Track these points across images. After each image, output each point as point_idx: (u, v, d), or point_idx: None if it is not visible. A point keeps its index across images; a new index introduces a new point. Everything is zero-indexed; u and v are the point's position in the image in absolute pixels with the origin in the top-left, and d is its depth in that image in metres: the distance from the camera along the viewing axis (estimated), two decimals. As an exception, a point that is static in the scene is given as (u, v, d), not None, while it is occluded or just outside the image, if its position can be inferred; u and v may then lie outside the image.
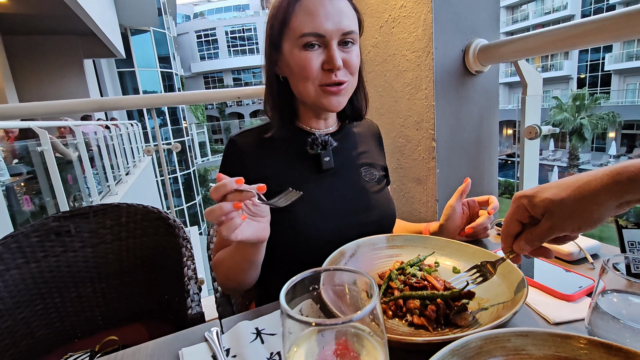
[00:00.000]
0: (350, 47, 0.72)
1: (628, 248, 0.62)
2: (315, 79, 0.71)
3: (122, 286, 1.15)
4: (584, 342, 0.39)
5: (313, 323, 0.22)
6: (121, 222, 1.16)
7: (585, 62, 23.43)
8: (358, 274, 0.31)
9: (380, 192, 0.86)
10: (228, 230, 0.54)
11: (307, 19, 0.67)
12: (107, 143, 5.16)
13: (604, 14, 0.87)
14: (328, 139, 0.78)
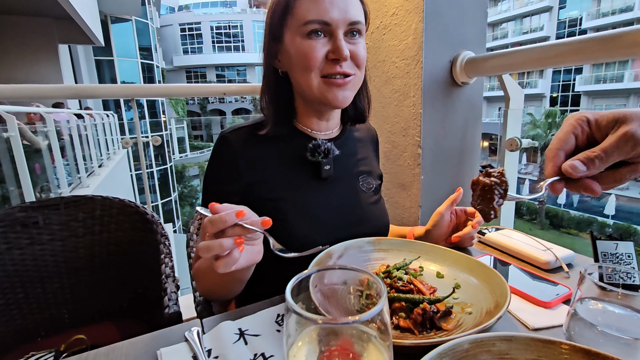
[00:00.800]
0: (357, 38, 0.68)
1: (601, 258, 0.65)
2: (318, 68, 0.66)
3: (93, 282, 1.09)
4: (565, 348, 0.40)
5: (319, 320, 0.22)
6: (95, 215, 1.11)
7: (558, 82, 24.68)
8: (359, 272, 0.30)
9: (376, 204, 0.84)
10: (226, 266, 0.49)
11: (311, 6, 0.63)
12: (80, 133, 4.93)
13: (584, 36, 0.92)
14: (331, 147, 0.74)
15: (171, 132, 17.06)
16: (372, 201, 0.82)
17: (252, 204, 0.69)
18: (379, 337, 0.26)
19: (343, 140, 0.82)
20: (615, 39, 0.82)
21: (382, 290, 0.27)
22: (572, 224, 15.91)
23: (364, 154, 0.87)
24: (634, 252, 0.65)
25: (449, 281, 0.65)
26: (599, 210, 16.51)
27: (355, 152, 0.85)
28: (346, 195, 0.79)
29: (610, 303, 0.47)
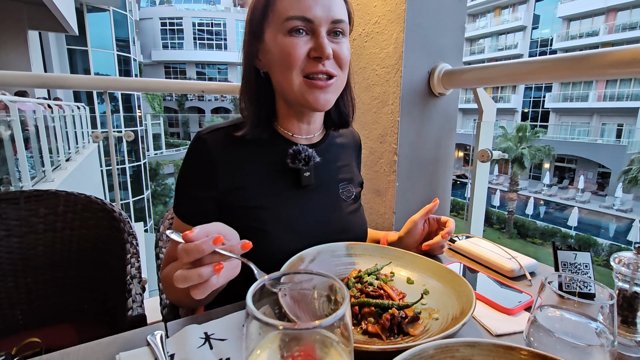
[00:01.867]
0: (341, 38, 0.66)
1: (561, 267, 0.69)
2: (300, 67, 0.64)
3: (51, 282, 1.03)
4: (524, 353, 0.42)
5: (280, 326, 0.21)
6: (57, 212, 1.05)
7: (529, 98, 25.92)
8: (326, 278, 0.30)
9: (355, 213, 0.82)
10: (203, 293, 0.46)
11: (293, 2, 0.61)
12: (47, 124, 4.68)
13: (554, 55, 0.97)
14: (312, 154, 0.71)
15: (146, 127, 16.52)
16: (352, 210, 0.81)
17: (229, 211, 0.69)
18: (342, 342, 0.26)
19: (325, 146, 0.79)
20: (581, 60, 0.87)
21: (345, 296, 0.27)
22: (537, 234, 16.67)
23: (346, 161, 0.85)
24: (590, 262, 0.69)
25: (418, 287, 0.66)
26: (562, 222, 17.40)
27: (337, 158, 0.83)
28: (326, 204, 0.77)
29: (567, 311, 0.49)
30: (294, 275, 0.31)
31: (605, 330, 0.46)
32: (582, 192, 19.85)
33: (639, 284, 0.53)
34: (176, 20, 29.08)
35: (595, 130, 21.76)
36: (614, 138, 20.78)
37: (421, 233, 0.84)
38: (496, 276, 0.76)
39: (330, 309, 0.60)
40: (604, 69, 0.83)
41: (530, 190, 21.37)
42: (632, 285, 0.53)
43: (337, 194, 0.79)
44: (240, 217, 0.68)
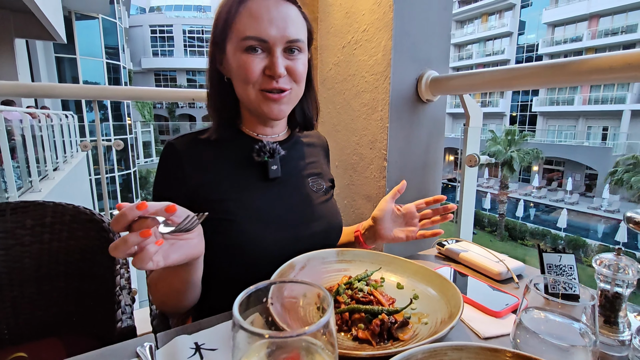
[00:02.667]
0: (296, 54, 0.71)
1: (546, 270, 0.70)
2: (255, 82, 0.69)
3: (38, 295, 1.01)
4: (509, 355, 0.42)
5: (266, 335, 0.22)
6: (45, 223, 1.04)
7: (517, 102, 26.41)
8: (312, 287, 0.31)
9: (327, 202, 0.85)
10: (142, 262, 0.47)
11: (250, 22, 0.66)
12: (35, 133, 4.61)
13: (536, 62, 1.00)
14: (276, 147, 0.76)
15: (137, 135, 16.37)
16: (323, 200, 0.84)
17: (200, 206, 0.71)
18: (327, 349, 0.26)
19: (291, 144, 0.84)
20: (561, 67, 0.90)
21: (329, 304, 0.27)
22: (528, 236, 16.88)
23: (314, 158, 0.89)
24: (574, 264, 0.70)
25: (408, 292, 0.66)
26: (552, 224, 17.66)
27: (304, 155, 0.87)
28: (295, 195, 0.80)
29: (552, 312, 0.51)
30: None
31: (587, 331, 0.47)
32: (570, 193, 20.22)
33: (620, 285, 0.54)
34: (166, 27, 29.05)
35: (582, 133, 22.25)
36: (600, 140, 21.27)
37: (394, 216, 0.88)
38: (484, 279, 0.77)
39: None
40: (583, 76, 0.86)
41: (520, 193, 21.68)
42: (613, 286, 0.55)
43: (306, 186, 0.83)
44: (211, 212, 0.71)
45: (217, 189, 0.72)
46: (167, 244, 0.52)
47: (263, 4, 0.67)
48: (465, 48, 30.11)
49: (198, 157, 0.74)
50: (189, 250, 0.54)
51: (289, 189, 0.80)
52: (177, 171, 0.72)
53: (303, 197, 0.81)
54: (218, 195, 0.72)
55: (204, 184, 0.72)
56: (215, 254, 0.72)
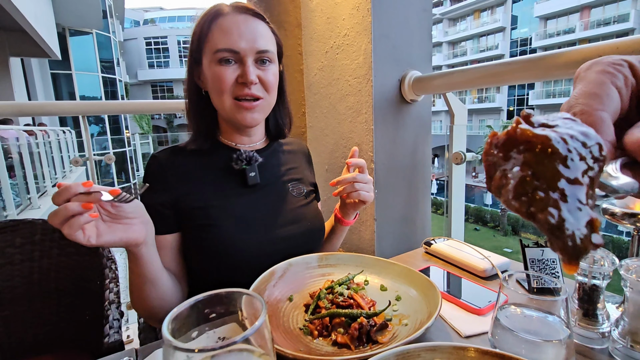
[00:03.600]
0: (267, 65, 0.75)
1: (529, 264, 0.70)
2: (229, 91, 0.73)
3: (30, 313, 1.01)
4: (481, 353, 0.43)
5: (196, 349, 0.22)
6: (34, 241, 1.04)
7: (513, 97, 26.44)
8: (246, 295, 0.30)
9: (307, 206, 0.87)
10: (71, 228, 0.49)
11: (222, 36, 0.71)
12: (32, 150, 4.63)
13: (516, 58, 1.00)
14: (253, 154, 0.79)
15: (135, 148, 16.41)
16: (303, 203, 0.86)
17: (184, 215, 0.75)
18: (263, 353, 0.26)
19: (270, 152, 0.87)
20: (538, 61, 0.90)
21: (261, 309, 0.27)
22: (530, 229, 16.82)
23: (295, 164, 0.92)
24: (557, 257, 0.70)
25: (391, 293, 0.67)
26: (555, 216, 17.54)
27: (284, 162, 0.90)
28: (275, 199, 0.82)
29: (528, 307, 0.51)
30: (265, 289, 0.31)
31: (563, 324, 0.47)
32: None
33: (596, 277, 0.54)
34: (161, 39, 29.21)
35: (579, 124, 22.18)
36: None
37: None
38: (470, 277, 0.77)
39: (304, 320, 0.61)
40: (560, 70, 0.86)
41: (521, 187, 21.56)
42: (590, 279, 0.55)
43: (286, 190, 0.85)
44: (194, 218, 0.75)
45: (200, 196, 0.75)
46: (104, 225, 0.54)
47: (233, 19, 0.72)
48: (459, 45, 30.20)
49: (180, 168, 0.77)
50: (125, 235, 0.56)
51: (269, 194, 0.82)
52: (161, 182, 0.75)
53: (283, 201, 0.83)
54: (200, 202, 0.75)
55: (186, 192, 0.75)
56: (201, 259, 0.75)
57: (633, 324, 0.50)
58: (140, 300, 0.67)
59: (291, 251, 0.75)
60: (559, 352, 0.45)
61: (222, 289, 0.30)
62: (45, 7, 8.13)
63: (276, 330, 0.56)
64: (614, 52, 0.74)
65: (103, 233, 0.54)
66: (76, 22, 12.77)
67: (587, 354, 0.53)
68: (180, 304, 0.28)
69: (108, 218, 0.56)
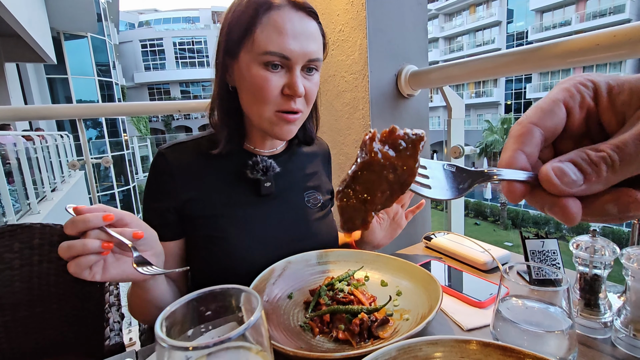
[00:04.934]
0: (313, 74, 0.68)
1: (530, 256, 0.70)
2: (273, 102, 0.64)
3: (31, 318, 1.01)
4: (483, 346, 0.42)
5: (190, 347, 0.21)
6: (33, 245, 1.04)
7: (511, 90, 26.42)
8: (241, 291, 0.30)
9: (323, 219, 0.82)
10: (78, 267, 0.45)
11: (274, 36, 0.61)
12: (30, 156, 4.62)
13: (513, 49, 0.99)
14: (270, 164, 0.72)
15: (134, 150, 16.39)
16: (318, 217, 0.81)
17: (190, 222, 0.70)
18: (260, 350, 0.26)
19: (288, 156, 0.81)
20: (534, 52, 0.90)
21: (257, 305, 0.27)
22: (530, 223, 16.84)
23: (313, 169, 0.86)
24: (557, 249, 0.70)
25: (392, 289, 0.66)
26: (555, 208, 17.57)
27: (303, 167, 0.83)
28: (289, 212, 0.77)
29: (529, 299, 0.50)
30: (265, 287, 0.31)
31: (565, 315, 0.47)
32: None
33: (597, 267, 0.54)
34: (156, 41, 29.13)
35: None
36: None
37: (379, 224, 0.86)
38: (471, 270, 0.77)
39: (305, 317, 0.60)
40: (556, 60, 0.86)
41: (520, 180, 21.61)
42: (591, 268, 0.54)
43: (302, 201, 0.80)
44: (201, 227, 0.69)
45: (208, 204, 0.70)
46: (112, 257, 0.49)
47: (288, 16, 0.62)
48: (455, 40, 30.15)
49: (190, 169, 0.70)
50: (131, 270, 0.50)
51: (283, 206, 0.76)
52: (167, 184, 0.69)
53: (297, 213, 0.78)
54: (209, 210, 0.70)
55: (194, 198, 0.69)
56: (204, 269, 0.71)
57: (635, 313, 0.50)
58: (141, 314, 0.65)
59: None
60: (561, 343, 0.45)
61: (217, 286, 0.29)
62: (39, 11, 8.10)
63: (277, 328, 0.56)
64: (611, 41, 0.74)
65: (110, 267, 0.49)
66: (71, 25, 12.71)
67: (590, 344, 0.53)
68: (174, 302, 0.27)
69: (117, 249, 0.50)
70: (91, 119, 13.85)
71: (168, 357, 0.22)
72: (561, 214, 0.23)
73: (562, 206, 0.23)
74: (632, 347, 0.50)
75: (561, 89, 0.27)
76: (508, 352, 0.41)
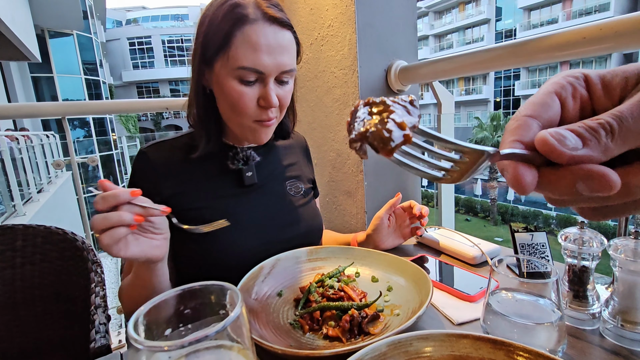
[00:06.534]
0: (287, 83, 0.70)
1: (519, 249, 0.70)
2: (249, 114, 0.67)
3: (14, 322, 0.98)
4: (473, 340, 0.42)
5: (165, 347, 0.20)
6: (15, 247, 1.01)
7: (500, 88, 26.73)
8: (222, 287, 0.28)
9: (305, 205, 0.85)
10: (111, 238, 0.48)
11: (247, 52, 0.62)
12: (15, 156, 4.51)
13: (502, 43, 1.00)
14: (250, 153, 0.76)
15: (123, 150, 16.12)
16: (302, 203, 0.83)
17: (177, 215, 0.69)
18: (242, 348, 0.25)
19: (268, 149, 0.84)
20: (523, 46, 0.90)
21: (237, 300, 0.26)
22: (520, 218, 17.10)
23: (292, 160, 0.89)
24: (547, 242, 0.70)
25: (382, 284, 0.66)
26: (543, 204, 17.91)
27: (281, 159, 0.87)
28: (272, 200, 0.79)
29: (519, 292, 0.50)
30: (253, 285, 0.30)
31: (554, 307, 0.47)
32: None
33: (586, 258, 0.54)
34: (145, 39, 28.70)
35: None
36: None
37: (387, 227, 0.87)
38: (461, 265, 0.77)
39: (295, 315, 0.60)
40: (544, 53, 0.86)
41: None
42: (579, 260, 0.54)
43: (283, 190, 0.82)
44: (188, 221, 0.70)
45: (192, 197, 0.72)
46: (132, 236, 0.53)
47: (262, 31, 0.63)
48: (445, 38, 30.35)
49: (171, 166, 0.72)
50: (150, 249, 0.54)
51: (266, 195, 0.79)
52: (150, 181, 0.71)
53: (280, 201, 0.80)
54: (193, 203, 0.71)
55: (178, 193, 0.71)
56: (192, 263, 0.72)
57: (623, 303, 0.50)
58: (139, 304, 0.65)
59: None
60: (551, 335, 0.45)
61: (196, 283, 0.28)
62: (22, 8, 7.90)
63: (266, 326, 0.55)
64: (598, 34, 0.74)
65: (130, 245, 0.52)
66: (55, 23, 12.44)
67: (578, 335, 0.53)
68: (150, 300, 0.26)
69: (137, 230, 0.54)
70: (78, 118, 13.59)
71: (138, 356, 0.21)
72: (514, 181, 0.22)
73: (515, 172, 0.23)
74: (619, 338, 0.50)
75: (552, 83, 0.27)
76: (498, 345, 0.41)
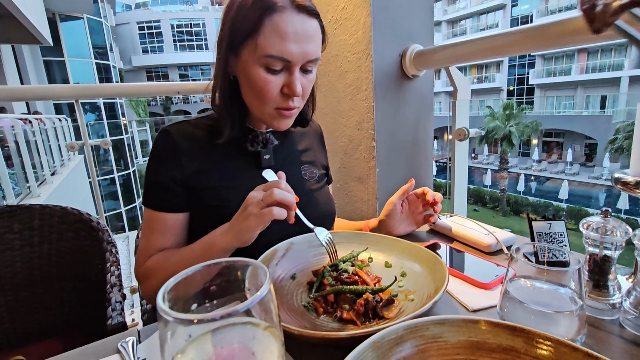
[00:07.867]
0: (311, 72, 0.71)
1: (537, 238, 0.69)
2: (272, 101, 0.68)
3: (33, 298, 1.01)
4: (492, 326, 0.41)
5: (195, 320, 0.20)
6: (33, 226, 1.03)
7: (513, 76, 26.04)
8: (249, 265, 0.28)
9: (319, 190, 0.86)
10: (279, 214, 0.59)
11: (276, 40, 0.63)
12: (29, 139, 4.58)
13: (521, 26, 0.96)
14: (269, 137, 0.78)
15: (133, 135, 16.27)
16: (315, 188, 0.85)
17: (196, 193, 0.73)
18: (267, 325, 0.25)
19: (285, 133, 0.85)
20: (544, 30, 0.87)
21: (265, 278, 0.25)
22: (530, 210, 16.90)
23: (308, 145, 0.90)
24: (565, 231, 0.69)
25: (396, 270, 0.65)
26: (554, 195, 17.66)
27: (297, 143, 0.88)
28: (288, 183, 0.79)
29: (538, 280, 0.50)
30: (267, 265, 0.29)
31: (574, 296, 0.46)
32: (570, 164, 20.15)
33: (608, 247, 0.53)
34: (154, 23, 28.50)
35: (580, 103, 21.98)
36: (599, 109, 21.02)
37: (400, 213, 0.87)
38: (475, 252, 0.76)
39: (309, 297, 0.60)
40: (565, 38, 0.83)
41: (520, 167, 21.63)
42: (601, 249, 0.53)
43: (299, 174, 0.84)
44: (206, 199, 0.73)
45: (212, 176, 0.74)
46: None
47: (290, 19, 0.63)
48: (458, 24, 29.52)
49: (193, 145, 0.74)
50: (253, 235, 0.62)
51: None
52: (172, 159, 0.72)
53: (296, 184, 0.80)
54: (212, 182, 0.73)
55: (198, 171, 0.73)
56: None
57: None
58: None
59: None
60: (571, 324, 0.44)
61: (223, 259, 0.28)
62: (33, -9, 7.87)
63: (280, 308, 0.55)
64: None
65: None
66: (66, 6, 12.42)
67: (597, 324, 0.52)
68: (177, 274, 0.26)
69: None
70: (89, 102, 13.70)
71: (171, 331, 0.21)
72: None
73: None
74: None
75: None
76: (517, 331, 0.40)
